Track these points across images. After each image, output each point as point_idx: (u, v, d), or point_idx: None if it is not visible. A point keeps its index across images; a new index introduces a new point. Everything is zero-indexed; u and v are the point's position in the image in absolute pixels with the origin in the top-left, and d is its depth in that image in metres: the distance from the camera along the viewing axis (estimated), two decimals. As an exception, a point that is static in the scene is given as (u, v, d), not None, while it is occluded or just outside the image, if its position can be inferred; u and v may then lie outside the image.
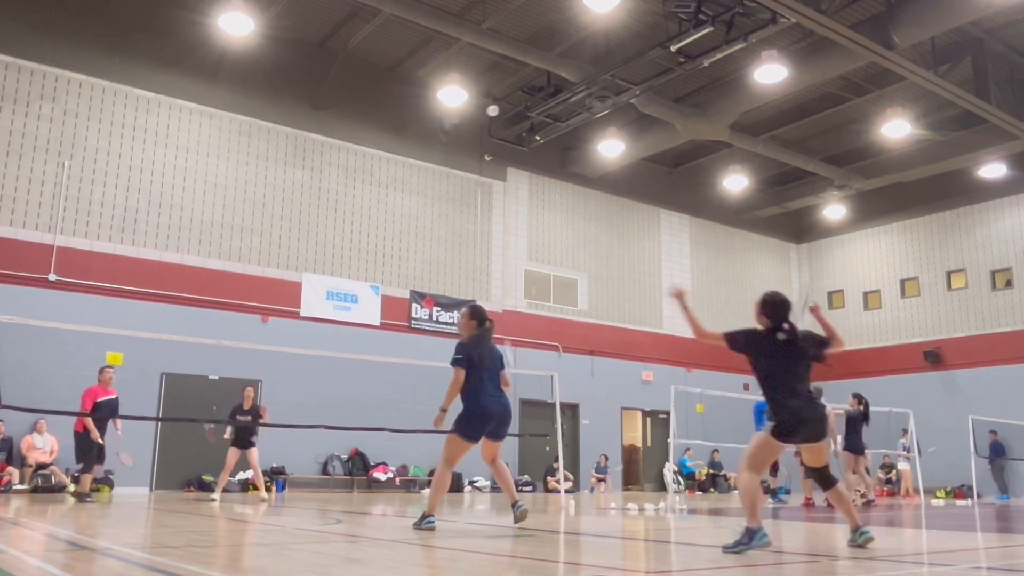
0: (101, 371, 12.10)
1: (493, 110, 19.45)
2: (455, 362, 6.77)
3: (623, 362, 22.27)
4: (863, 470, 13.68)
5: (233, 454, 12.59)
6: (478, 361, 6.85)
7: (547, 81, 18.53)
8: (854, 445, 13.52)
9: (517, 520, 6.88)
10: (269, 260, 17.48)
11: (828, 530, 7.98)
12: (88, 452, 11.68)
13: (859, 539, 5.45)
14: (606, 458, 21.02)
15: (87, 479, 11.80)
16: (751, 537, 5.39)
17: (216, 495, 12.43)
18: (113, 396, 11.94)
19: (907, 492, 20.30)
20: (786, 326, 5.48)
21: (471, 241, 20.51)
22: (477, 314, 7.12)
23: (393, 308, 18.76)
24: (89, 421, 11.60)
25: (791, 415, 5.31)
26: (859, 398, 13.82)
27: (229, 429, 12.69)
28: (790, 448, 5.81)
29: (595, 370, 21.58)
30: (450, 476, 6.88)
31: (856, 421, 13.61)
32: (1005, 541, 7.29)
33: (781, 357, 5.45)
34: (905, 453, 19.21)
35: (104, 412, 11.63)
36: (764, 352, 5.49)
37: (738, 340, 5.61)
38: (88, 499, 11.49)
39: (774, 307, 5.60)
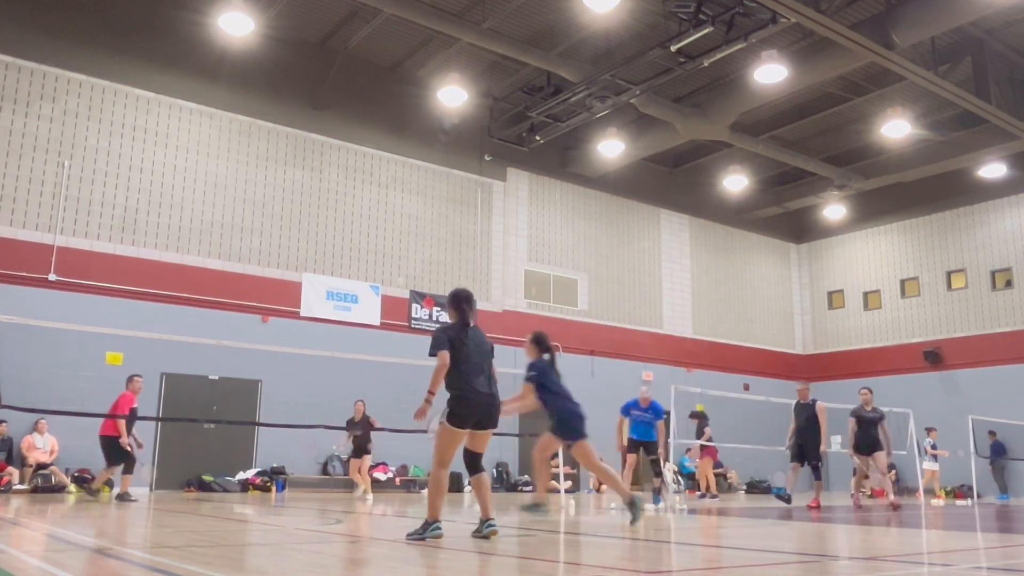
0: (131, 379, 12.23)
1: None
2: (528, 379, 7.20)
3: (623, 362, 22.26)
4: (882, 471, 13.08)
5: (354, 464, 14.19)
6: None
7: (547, 81, 18.53)
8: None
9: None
10: (269, 260, 17.48)
11: (829, 530, 7.98)
12: (123, 454, 11.92)
13: (485, 530, 5.87)
14: (601, 459, 20.99)
15: (127, 480, 11.99)
16: (424, 528, 5.81)
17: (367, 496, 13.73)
18: (135, 405, 12.22)
19: (937, 493, 20.17)
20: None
21: (471, 241, 20.50)
22: (541, 341, 7.68)
23: (393, 308, 18.76)
24: (123, 425, 11.81)
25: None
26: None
27: (345, 441, 14.51)
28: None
29: (595, 370, 21.58)
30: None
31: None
32: (1005, 541, 7.29)
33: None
34: (932, 451, 19.20)
35: (132, 418, 12.01)
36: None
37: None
38: (130, 498, 11.65)
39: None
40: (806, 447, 12.93)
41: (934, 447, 19.32)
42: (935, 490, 20.01)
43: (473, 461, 6.28)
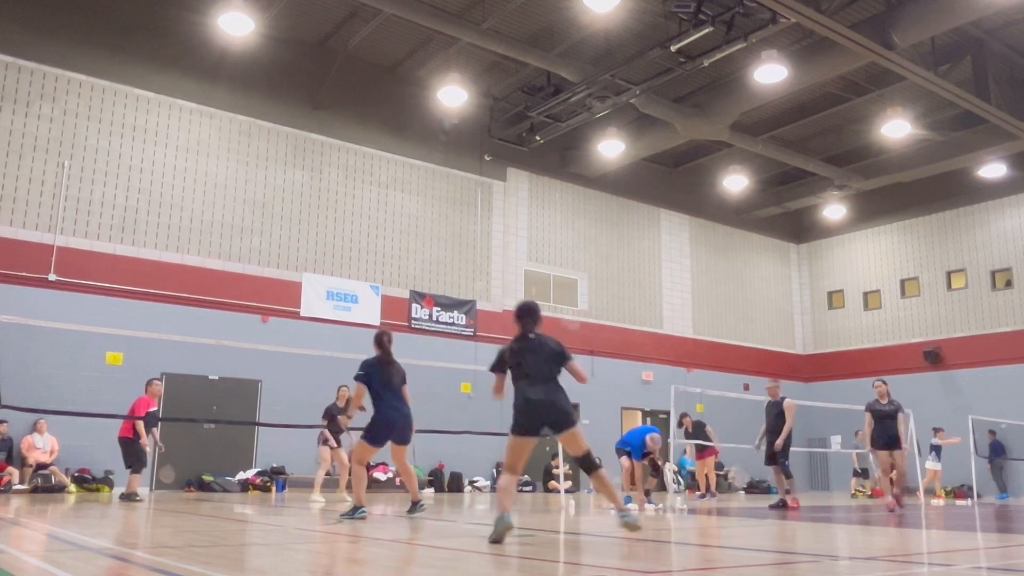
0: (150, 383, 12.37)
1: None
2: (357, 377, 8.15)
3: (623, 362, 22.27)
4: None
5: (334, 455, 13.49)
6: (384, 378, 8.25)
7: (547, 81, 18.53)
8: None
9: (411, 512, 8.50)
10: (269, 260, 17.48)
11: (829, 530, 7.98)
12: (140, 455, 12.00)
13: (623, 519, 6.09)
14: (599, 460, 20.98)
15: (135, 480, 12.05)
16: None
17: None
18: (154, 408, 12.36)
19: (937, 493, 20.14)
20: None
21: (471, 241, 20.50)
22: (376, 339, 8.38)
23: (393, 308, 18.75)
24: (141, 427, 11.90)
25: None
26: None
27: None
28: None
29: (595, 370, 21.57)
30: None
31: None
32: (1005, 541, 7.29)
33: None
34: (945, 441, 19.13)
35: (151, 420, 12.14)
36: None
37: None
38: (137, 498, 11.71)
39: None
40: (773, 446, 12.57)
41: (939, 447, 19.30)
42: (935, 490, 20.00)
43: (580, 464, 6.29)
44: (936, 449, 19.09)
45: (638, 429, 12.89)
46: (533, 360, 5.97)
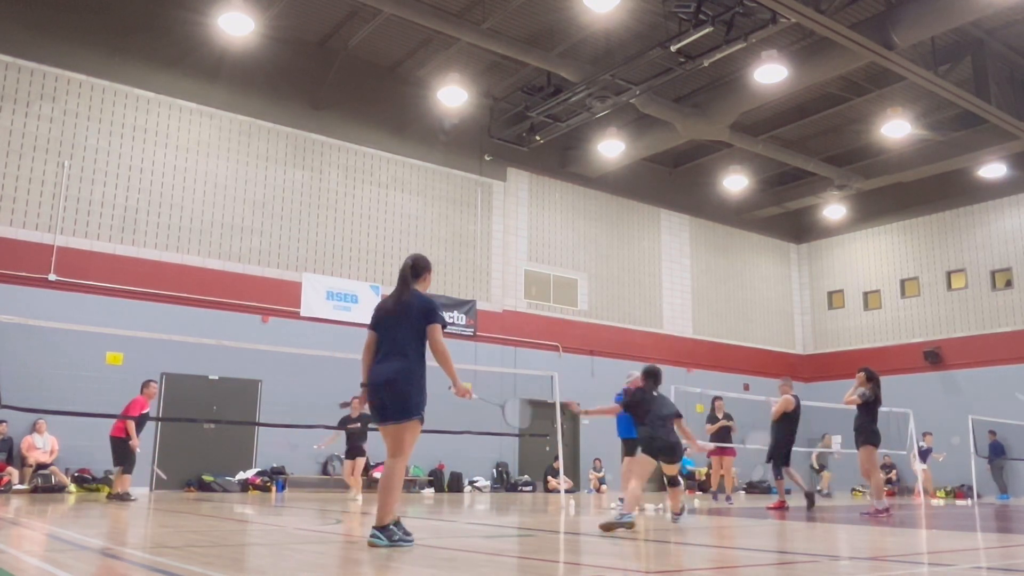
0: (147, 384, 12.47)
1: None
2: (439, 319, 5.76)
3: (623, 362, 22.22)
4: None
5: (348, 465, 13.76)
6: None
7: (547, 81, 18.53)
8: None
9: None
10: (269, 260, 17.48)
11: (829, 530, 7.98)
12: (129, 455, 12.06)
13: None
14: (599, 462, 20.95)
15: (127, 480, 12.09)
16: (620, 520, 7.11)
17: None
18: (147, 409, 12.49)
19: (930, 492, 20.15)
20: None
21: (471, 241, 20.50)
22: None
23: (393, 308, 18.72)
24: (132, 427, 11.99)
25: None
26: (869, 375, 11.84)
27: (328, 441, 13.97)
28: None
29: (595, 370, 21.58)
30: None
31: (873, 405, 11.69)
32: (1005, 541, 7.29)
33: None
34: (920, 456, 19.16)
35: (142, 422, 12.29)
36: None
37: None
38: (130, 498, 11.77)
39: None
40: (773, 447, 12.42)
41: (928, 451, 19.39)
42: (927, 490, 20.03)
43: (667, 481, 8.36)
44: (924, 452, 19.14)
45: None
46: (657, 409, 7.99)
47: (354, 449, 13.61)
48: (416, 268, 5.72)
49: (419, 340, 5.53)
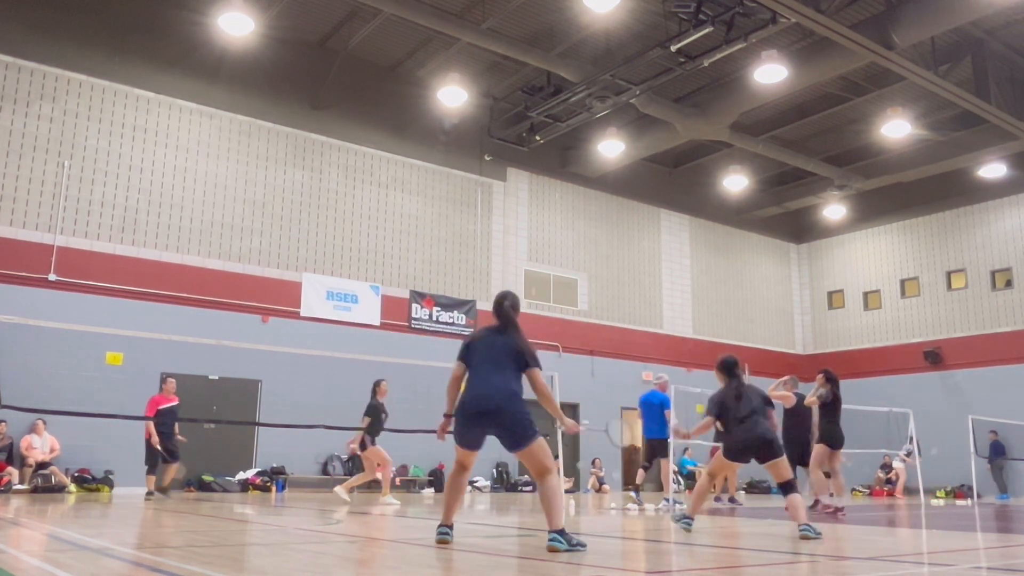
0: (165, 380, 12.92)
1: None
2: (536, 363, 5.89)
3: (623, 362, 22.26)
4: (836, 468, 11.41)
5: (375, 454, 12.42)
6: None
7: (547, 81, 18.53)
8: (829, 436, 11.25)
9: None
10: (269, 260, 17.48)
11: (828, 530, 7.97)
12: (152, 453, 12.45)
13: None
14: (599, 461, 20.95)
15: (150, 479, 12.50)
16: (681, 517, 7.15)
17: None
18: (174, 403, 12.80)
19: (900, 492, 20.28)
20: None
21: (471, 241, 20.51)
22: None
23: (393, 308, 18.76)
24: (151, 426, 12.35)
25: None
26: (828, 376, 11.56)
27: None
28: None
29: (595, 370, 21.58)
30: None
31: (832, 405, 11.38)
32: (1005, 541, 7.29)
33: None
34: (904, 455, 19.20)
35: (167, 418, 12.55)
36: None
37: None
38: (155, 495, 12.20)
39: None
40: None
41: (908, 454, 19.46)
42: (899, 489, 20.07)
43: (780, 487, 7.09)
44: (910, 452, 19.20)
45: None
46: (747, 403, 7.26)
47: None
48: (517, 308, 5.93)
49: (519, 377, 5.71)
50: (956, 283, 23.81)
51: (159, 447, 12.44)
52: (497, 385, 5.53)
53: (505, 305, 5.83)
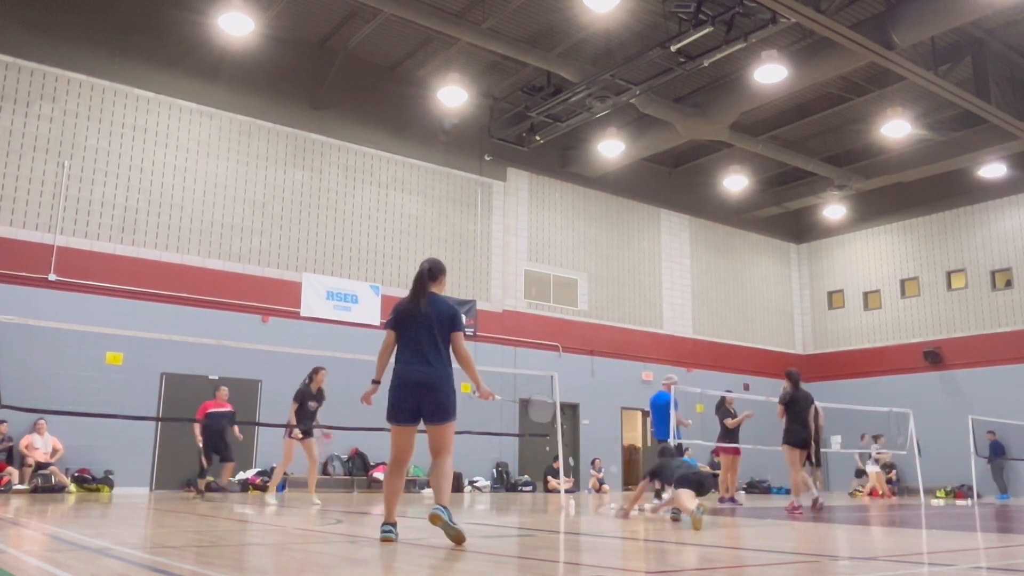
0: (218, 388, 13.55)
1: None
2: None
3: (623, 362, 22.26)
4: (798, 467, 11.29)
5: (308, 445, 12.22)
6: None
7: (547, 81, 18.53)
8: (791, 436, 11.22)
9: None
10: (269, 260, 17.48)
11: (828, 530, 7.97)
12: (202, 453, 13.24)
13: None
14: (599, 461, 20.94)
15: (202, 482, 13.24)
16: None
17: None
18: (226, 409, 13.31)
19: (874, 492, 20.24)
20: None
21: (471, 241, 20.51)
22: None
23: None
24: (195, 428, 13.10)
25: None
26: (790, 376, 11.49)
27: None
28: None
29: (595, 370, 21.58)
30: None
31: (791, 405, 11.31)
32: (1005, 541, 7.29)
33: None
34: (881, 454, 19.35)
35: (213, 422, 13.06)
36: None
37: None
38: (203, 496, 12.79)
39: None
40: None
41: (878, 453, 19.59)
42: (880, 490, 20.03)
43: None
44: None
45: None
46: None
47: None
48: (433, 272, 5.92)
49: (445, 344, 5.80)
50: (956, 283, 23.81)
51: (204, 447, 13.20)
52: (432, 359, 5.73)
53: (424, 269, 5.89)
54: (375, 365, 5.97)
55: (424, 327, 5.74)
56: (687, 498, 7.83)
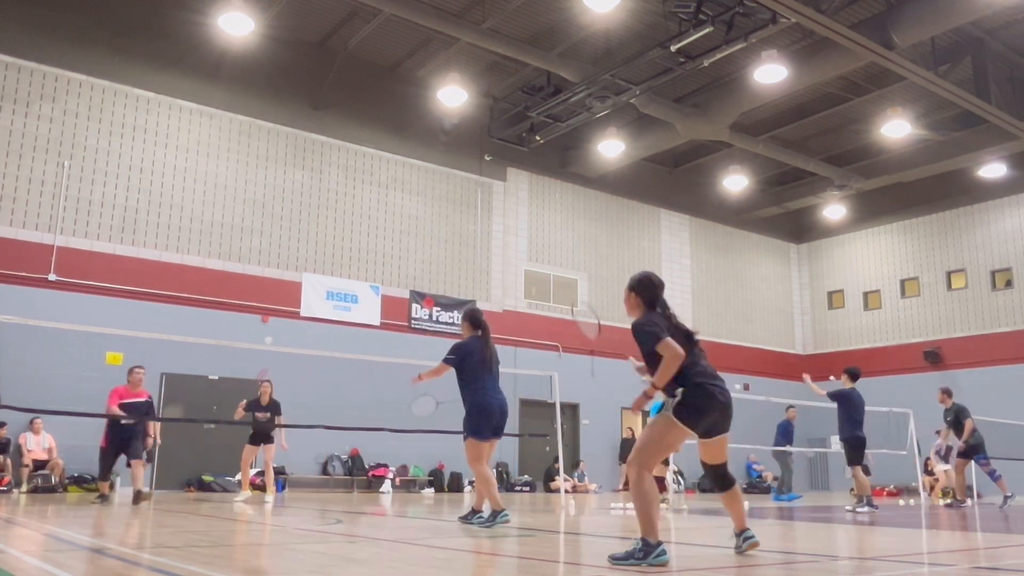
0: (131, 371, 11.46)
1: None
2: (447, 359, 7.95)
3: (623, 362, 22.17)
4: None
5: (250, 451, 12.66)
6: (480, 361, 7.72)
7: (547, 81, 18.53)
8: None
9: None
10: (269, 260, 17.48)
11: (828, 530, 7.97)
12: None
13: (743, 544, 4.93)
14: (583, 463, 20.92)
15: (104, 485, 11.75)
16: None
17: (241, 497, 12.31)
18: (142, 399, 11.44)
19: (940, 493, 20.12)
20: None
21: (471, 241, 20.50)
22: (473, 318, 8.02)
23: (393, 308, 18.75)
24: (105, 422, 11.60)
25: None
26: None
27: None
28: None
29: (595, 370, 21.57)
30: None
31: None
32: (1005, 541, 7.29)
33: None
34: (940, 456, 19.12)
35: (131, 415, 11.15)
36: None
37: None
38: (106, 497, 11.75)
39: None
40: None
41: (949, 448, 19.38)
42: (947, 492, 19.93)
43: (715, 475, 5.15)
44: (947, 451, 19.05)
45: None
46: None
47: (263, 435, 12.56)
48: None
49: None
50: (956, 283, 23.81)
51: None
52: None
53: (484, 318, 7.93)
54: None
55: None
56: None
